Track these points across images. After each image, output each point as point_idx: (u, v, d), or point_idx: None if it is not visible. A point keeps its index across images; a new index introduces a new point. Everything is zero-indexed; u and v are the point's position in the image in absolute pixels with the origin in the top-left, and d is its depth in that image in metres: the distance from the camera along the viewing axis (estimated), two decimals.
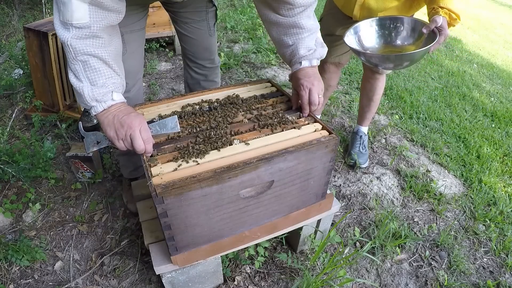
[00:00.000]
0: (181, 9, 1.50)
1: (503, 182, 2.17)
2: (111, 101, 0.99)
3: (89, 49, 0.94)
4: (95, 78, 0.96)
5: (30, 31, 2.07)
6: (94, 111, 1.00)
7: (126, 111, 1.01)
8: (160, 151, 1.08)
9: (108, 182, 1.93)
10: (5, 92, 2.58)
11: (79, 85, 0.97)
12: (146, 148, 0.99)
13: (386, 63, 1.48)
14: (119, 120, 0.98)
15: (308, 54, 1.20)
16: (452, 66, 3.87)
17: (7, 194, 1.80)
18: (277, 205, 1.23)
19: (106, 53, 0.98)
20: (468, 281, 1.58)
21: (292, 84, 1.27)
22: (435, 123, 2.69)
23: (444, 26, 1.37)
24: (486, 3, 8.45)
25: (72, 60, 0.95)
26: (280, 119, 1.21)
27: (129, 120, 0.97)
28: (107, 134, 1.01)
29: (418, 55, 1.38)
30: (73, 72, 0.97)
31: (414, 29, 1.53)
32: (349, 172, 2.12)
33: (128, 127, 0.97)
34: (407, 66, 1.49)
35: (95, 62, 0.96)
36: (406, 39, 1.57)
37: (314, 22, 1.23)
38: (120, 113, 0.99)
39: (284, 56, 1.29)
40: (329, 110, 2.70)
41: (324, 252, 1.61)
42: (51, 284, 1.46)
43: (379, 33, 1.60)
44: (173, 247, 1.11)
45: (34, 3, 4.40)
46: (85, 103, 0.98)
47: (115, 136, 0.99)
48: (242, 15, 4.38)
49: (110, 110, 1.00)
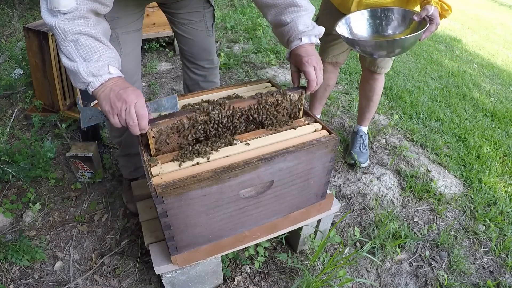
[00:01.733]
0: (178, 10, 1.50)
1: (503, 182, 2.17)
2: (107, 74, 0.95)
3: (78, 28, 0.91)
4: (88, 54, 0.93)
5: (30, 31, 2.07)
6: (92, 87, 0.95)
7: (123, 85, 0.96)
8: (155, 126, 1.03)
9: (108, 182, 1.93)
10: (5, 92, 2.58)
11: (73, 64, 0.93)
12: (140, 124, 0.94)
13: (379, 50, 1.48)
14: (115, 94, 0.94)
15: (307, 30, 1.18)
16: (452, 66, 3.87)
17: (7, 194, 1.80)
18: (277, 205, 1.23)
19: (96, 31, 0.95)
20: (468, 281, 1.58)
21: (292, 62, 1.23)
22: (435, 123, 2.69)
23: (435, 15, 1.39)
24: (486, 3, 8.45)
25: (62, 43, 0.93)
26: (282, 95, 1.17)
27: (125, 95, 0.93)
28: (102, 109, 0.97)
29: (409, 41, 1.39)
30: (65, 54, 0.94)
31: (405, 18, 1.54)
32: (349, 172, 2.12)
33: (124, 102, 0.92)
34: (399, 53, 1.49)
35: (87, 40, 0.93)
36: (397, 28, 1.58)
37: (309, 3, 1.21)
38: (116, 87, 0.95)
39: (281, 34, 1.24)
40: (329, 110, 2.70)
41: (324, 252, 1.61)
42: (51, 284, 1.46)
43: (370, 23, 1.62)
44: (173, 247, 1.11)
45: (34, 3, 4.40)
46: (82, 81, 0.94)
47: (110, 111, 0.94)
48: (242, 15, 4.38)
49: (107, 84, 0.96)
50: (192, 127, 1.09)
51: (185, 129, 1.08)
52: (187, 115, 1.07)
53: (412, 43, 1.44)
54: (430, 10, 1.38)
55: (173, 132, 1.07)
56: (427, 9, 1.38)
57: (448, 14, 1.43)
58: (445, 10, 1.41)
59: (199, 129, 1.10)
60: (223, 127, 1.14)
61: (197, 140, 1.13)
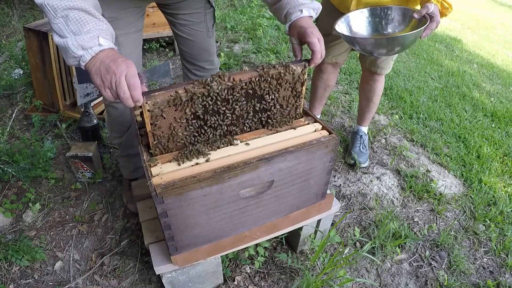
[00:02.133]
0: (179, 11, 1.49)
1: (503, 182, 2.17)
2: (98, 46, 0.91)
3: (67, 3, 0.89)
4: (79, 28, 0.90)
5: (30, 31, 2.07)
6: (83, 62, 0.91)
7: (114, 56, 0.92)
8: (150, 99, 0.97)
9: (108, 182, 1.93)
10: (5, 92, 2.58)
11: (63, 40, 0.90)
12: (132, 96, 0.89)
13: (379, 48, 1.47)
14: (105, 66, 0.89)
15: (307, 3, 1.16)
16: (452, 66, 3.87)
17: (7, 194, 1.80)
18: (277, 205, 1.23)
19: (86, 4, 0.92)
20: (468, 281, 1.58)
21: (293, 35, 1.19)
22: (435, 123, 2.69)
23: (435, 13, 1.38)
24: (486, 3, 8.45)
25: (53, 20, 0.90)
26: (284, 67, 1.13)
27: (115, 66, 0.89)
28: (94, 83, 0.93)
29: (409, 38, 1.38)
30: (57, 32, 0.91)
31: (405, 17, 1.53)
32: (349, 172, 2.12)
33: (113, 74, 0.88)
34: (399, 51, 1.48)
35: (77, 14, 0.90)
36: (397, 27, 1.57)
37: None
38: (107, 59, 0.91)
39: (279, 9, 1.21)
40: (329, 110, 2.70)
41: (324, 252, 1.61)
42: (51, 284, 1.46)
43: (370, 22, 1.61)
44: (173, 247, 1.11)
45: (34, 3, 4.39)
46: (72, 56, 0.91)
47: (101, 84, 0.91)
48: (242, 15, 4.38)
49: (98, 57, 0.91)
50: (191, 100, 1.04)
51: (183, 102, 1.02)
52: (185, 86, 1.02)
53: (412, 41, 1.43)
54: (431, 8, 1.37)
55: (169, 105, 1.02)
56: (427, 6, 1.38)
57: (448, 12, 1.42)
58: (445, 8, 1.41)
59: (198, 103, 1.04)
60: (222, 100, 1.08)
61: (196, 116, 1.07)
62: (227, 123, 1.14)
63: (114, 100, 0.93)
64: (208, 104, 1.07)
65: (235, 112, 1.13)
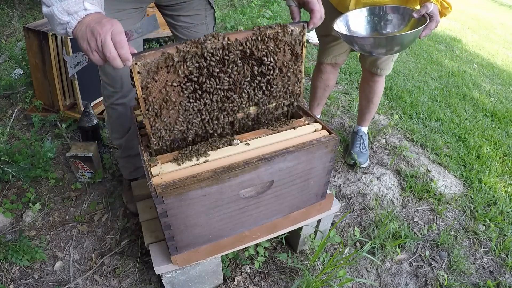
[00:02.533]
0: (180, 13, 1.48)
1: (503, 182, 2.17)
2: (83, 11, 0.88)
3: None
4: None
5: (30, 31, 2.07)
6: (70, 28, 0.88)
7: (99, 19, 0.88)
8: (139, 59, 0.94)
9: (108, 182, 1.93)
10: (5, 92, 2.58)
11: (50, 9, 0.87)
12: (120, 54, 0.85)
13: (378, 48, 1.46)
14: (90, 29, 0.86)
15: None
16: (452, 66, 3.87)
17: (7, 194, 1.80)
18: (277, 205, 1.23)
19: None
20: (468, 281, 1.58)
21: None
22: (435, 123, 2.69)
23: (435, 13, 1.37)
24: (486, 3, 8.45)
25: None
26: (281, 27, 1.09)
27: (99, 26, 0.85)
28: (82, 49, 0.90)
29: (408, 38, 1.37)
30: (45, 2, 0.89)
31: (404, 16, 1.52)
32: (349, 172, 2.12)
33: (98, 34, 0.84)
34: (398, 51, 1.48)
35: None
36: (396, 26, 1.56)
37: None
38: (92, 22, 0.88)
39: None
40: (329, 110, 2.70)
41: (324, 252, 1.61)
42: (51, 284, 1.46)
43: (369, 21, 1.60)
44: (173, 247, 1.11)
45: (34, 3, 4.40)
46: (59, 22, 0.88)
47: (88, 49, 0.87)
48: (242, 15, 4.38)
49: (84, 21, 0.88)
50: (183, 61, 0.99)
51: (175, 62, 0.98)
52: (177, 46, 0.97)
53: (411, 41, 1.42)
54: (430, 8, 1.36)
55: (161, 66, 0.97)
56: (427, 6, 1.37)
57: (448, 12, 1.41)
58: (445, 8, 1.40)
59: (192, 63, 1.00)
60: (218, 62, 1.03)
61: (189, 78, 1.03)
62: (224, 87, 1.08)
63: (104, 63, 0.89)
64: (203, 65, 1.01)
65: (231, 76, 1.07)
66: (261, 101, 1.19)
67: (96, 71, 1.51)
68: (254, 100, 1.17)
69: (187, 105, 1.07)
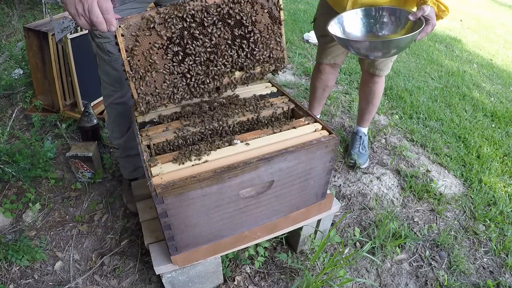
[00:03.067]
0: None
1: (503, 182, 2.17)
2: None
3: None
4: None
5: (30, 31, 2.07)
6: None
7: None
8: (122, 22, 0.99)
9: (108, 182, 1.93)
10: (5, 92, 2.58)
11: None
12: (106, 19, 0.91)
13: (374, 51, 1.44)
14: None
15: None
16: (452, 66, 3.87)
17: (7, 194, 1.80)
18: (277, 205, 1.23)
19: None
20: (468, 281, 1.58)
21: None
22: (435, 123, 2.69)
23: (431, 16, 1.36)
24: (486, 3, 8.45)
25: None
26: None
27: None
28: (69, 13, 0.94)
29: (404, 41, 1.36)
30: None
31: (400, 18, 1.50)
32: (349, 172, 2.12)
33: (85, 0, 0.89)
34: (394, 54, 1.46)
35: None
36: (391, 28, 1.54)
37: None
38: None
39: None
40: (329, 110, 2.70)
41: (324, 252, 1.61)
42: (51, 284, 1.46)
43: (364, 23, 1.57)
44: (173, 247, 1.11)
45: (34, 3, 4.40)
46: None
47: (75, 13, 0.91)
48: None
49: None
50: (165, 22, 1.04)
51: (156, 24, 1.02)
52: (158, 9, 1.03)
53: (408, 44, 1.42)
54: (427, 10, 1.35)
55: (143, 29, 1.01)
56: (423, 9, 1.35)
57: (445, 15, 1.39)
58: (442, 11, 1.38)
59: (173, 24, 1.04)
60: (198, 24, 1.07)
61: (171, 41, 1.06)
62: (207, 50, 1.11)
63: (90, 28, 0.93)
64: (183, 27, 1.05)
65: (212, 38, 1.11)
66: (246, 65, 1.21)
67: (96, 71, 1.51)
68: (238, 64, 1.19)
69: (171, 68, 1.09)
